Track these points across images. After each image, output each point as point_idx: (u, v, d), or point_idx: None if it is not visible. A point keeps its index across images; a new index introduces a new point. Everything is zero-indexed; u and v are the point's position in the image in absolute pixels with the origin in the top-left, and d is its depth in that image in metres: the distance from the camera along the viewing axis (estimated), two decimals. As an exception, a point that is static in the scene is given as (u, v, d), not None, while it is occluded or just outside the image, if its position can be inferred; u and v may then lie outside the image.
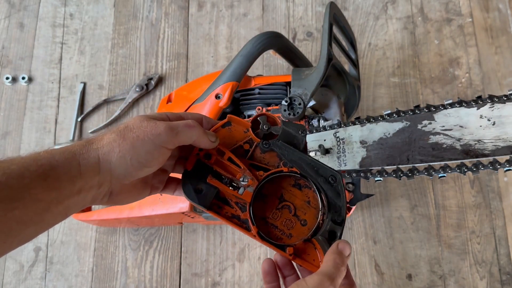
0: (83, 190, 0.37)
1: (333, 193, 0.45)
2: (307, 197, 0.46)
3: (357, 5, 1.14)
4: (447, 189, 0.98)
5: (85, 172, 0.37)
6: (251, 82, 0.79)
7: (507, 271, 0.92)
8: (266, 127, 0.49)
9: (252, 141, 0.48)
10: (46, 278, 0.99)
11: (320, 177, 0.45)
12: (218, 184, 0.45)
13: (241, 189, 0.45)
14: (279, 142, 0.47)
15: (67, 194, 0.36)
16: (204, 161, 0.46)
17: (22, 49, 1.17)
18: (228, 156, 0.46)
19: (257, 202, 0.46)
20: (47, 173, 0.35)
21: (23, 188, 0.33)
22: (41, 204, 0.35)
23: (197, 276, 0.97)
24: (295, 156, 0.46)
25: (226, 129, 0.48)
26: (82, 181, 0.37)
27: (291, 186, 0.47)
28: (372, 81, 1.07)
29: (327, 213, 0.44)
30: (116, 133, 0.39)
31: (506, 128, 0.56)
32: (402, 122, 0.62)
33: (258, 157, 0.48)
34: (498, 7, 1.10)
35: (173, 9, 1.18)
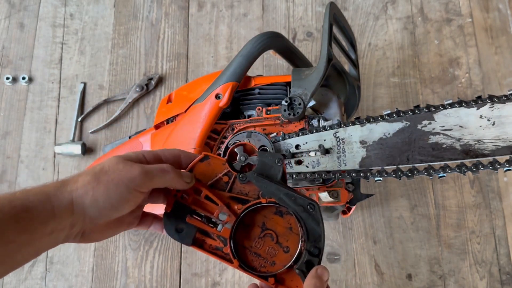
0: (55, 231, 0.38)
1: (312, 222, 0.46)
2: (289, 223, 0.47)
3: (357, 5, 1.14)
4: (447, 189, 0.98)
5: (58, 214, 0.37)
6: (251, 82, 0.79)
7: (507, 271, 0.92)
8: (243, 158, 0.50)
9: (230, 173, 0.49)
10: (46, 278, 0.99)
11: (298, 206, 0.46)
12: (197, 223, 0.47)
13: (219, 226, 0.47)
14: (254, 175, 0.48)
15: (39, 236, 0.36)
16: (182, 201, 0.47)
17: (22, 49, 1.17)
18: (205, 194, 0.47)
19: (240, 231, 0.47)
20: (20, 215, 0.35)
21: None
22: (12, 246, 0.35)
23: (197, 276, 0.97)
24: (272, 187, 0.47)
25: (205, 163, 0.49)
26: (55, 223, 0.37)
27: (273, 214, 0.48)
28: (372, 81, 1.07)
29: (306, 242, 0.45)
30: (91, 175, 0.40)
31: (506, 128, 0.56)
32: (402, 122, 0.62)
33: (238, 188, 0.49)
34: (498, 7, 1.10)
35: (173, 9, 1.18)
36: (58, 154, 1.07)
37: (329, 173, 0.65)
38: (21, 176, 1.06)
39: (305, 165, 0.67)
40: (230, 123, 0.76)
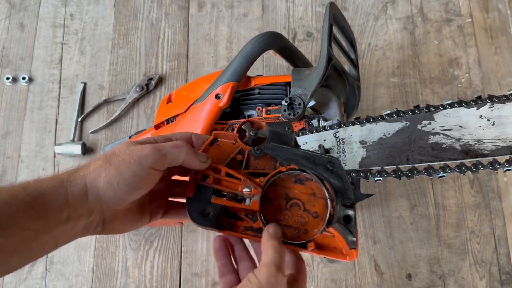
0: (71, 219, 0.37)
1: (336, 178, 0.45)
2: (311, 189, 0.46)
3: (357, 5, 1.14)
4: (446, 189, 0.98)
5: (73, 200, 0.37)
6: (251, 82, 0.79)
7: (507, 271, 0.92)
8: (253, 133, 0.49)
9: (243, 151, 0.48)
10: (47, 278, 0.99)
11: (318, 166, 0.45)
12: (224, 202, 0.45)
13: (247, 201, 0.45)
14: (269, 144, 0.47)
15: (54, 223, 0.36)
16: (203, 183, 0.46)
17: (22, 49, 1.17)
18: (225, 171, 0.46)
19: (266, 207, 0.46)
20: (35, 201, 0.35)
21: (10, 216, 0.33)
22: (28, 233, 0.34)
23: (197, 276, 0.97)
24: (289, 153, 0.46)
25: (215, 146, 0.48)
26: (70, 209, 0.37)
27: (293, 183, 0.47)
28: (372, 81, 1.07)
29: (335, 199, 0.44)
30: (102, 159, 0.39)
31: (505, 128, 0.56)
32: (402, 122, 0.62)
33: (253, 164, 0.48)
34: (498, 7, 1.10)
35: (173, 9, 1.18)
36: (58, 154, 1.07)
37: (329, 173, 0.65)
38: (21, 176, 1.06)
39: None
40: (230, 123, 0.77)
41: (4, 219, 0.33)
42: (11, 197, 0.34)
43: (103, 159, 0.39)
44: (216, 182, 0.46)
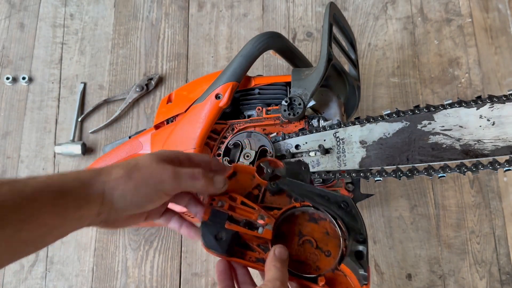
0: (83, 217, 0.39)
1: (349, 217, 0.45)
2: (324, 228, 0.47)
3: (357, 5, 1.14)
4: (446, 189, 0.98)
5: (89, 202, 0.39)
6: (251, 82, 0.79)
7: (507, 271, 0.92)
8: (270, 170, 0.50)
9: (260, 186, 0.49)
10: (47, 278, 0.99)
11: (332, 204, 0.46)
12: (237, 228, 0.46)
13: (260, 229, 0.46)
14: (286, 180, 0.48)
15: (69, 220, 0.38)
16: (219, 209, 0.47)
17: (22, 49, 1.17)
18: (241, 200, 0.47)
19: (279, 241, 0.46)
20: (57, 200, 0.37)
21: (34, 211, 0.35)
22: (45, 228, 0.36)
23: (197, 276, 0.97)
24: (304, 189, 0.47)
25: (233, 179, 0.50)
26: (84, 210, 0.39)
27: (307, 222, 0.48)
28: (372, 81, 1.07)
29: (348, 238, 0.44)
30: (124, 170, 0.41)
31: (505, 128, 0.56)
32: (402, 122, 0.62)
33: (269, 200, 0.49)
34: (498, 7, 1.10)
35: (173, 9, 1.18)
36: (58, 154, 1.07)
37: (329, 173, 0.65)
38: (21, 176, 1.06)
39: (305, 165, 0.67)
40: (230, 123, 0.77)
41: (28, 215, 0.34)
42: (36, 194, 0.36)
43: (124, 170, 0.42)
44: (231, 209, 0.47)
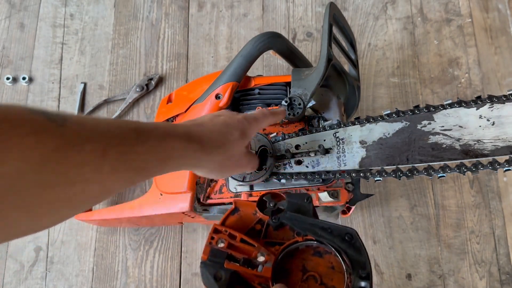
0: (188, 155, 0.46)
1: (353, 250, 0.45)
2: (330, 262, 0.46)
3: (357, 5, 1.14)
4: (446, 189, 0.98)
5: (192, 142, 0.46)
6: (251, 82, 0.79)
7: (507, 271, 0.92)
8: (272, 204, 0.50)
9: (262, 221, 0.49)
10: (47, 277, 0.99)
11: (336, 237, 0.45)
12: (236, 267, 0.45)
13: (259, 267, 0.45)
14: (287, 214, 0.48)
15: (177, 164, 0.45)
16: (218, 248, 0.47)
17: (22, 49, 1.17)
18: (240, 237, 0.47)
19: (281, 279, 0.46)
20: (179, 139, 0.44)
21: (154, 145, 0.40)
22: (160, 156, 0.41)
23: (197, 275, 0.97)
24: (306, 223, 0.47)
25: (236, 215, 0.50)
26: (189, 149, 0.45)
27: (311, 256, 0.47)
28: (372, 81, 1.07)
29: (352, 272, 0.44)
30: (210, 116, 0.52)
31: (505, 128, 0.56)
32: (402, 122, 0.62)
33: (272, 235, 0.49)
34: (498, 7, 1.10)
35: (173, 9, 1.18)
36: (58, 154, 1.07)
37: (329, 173, 0.65)
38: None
39: (305, 165, 0.67)
40: (230, 123, 0.76)
41: (148, 147, 0.39)
42: (153, 130, 0.41)
43: (211, 116, 0.52)
44: (231, 248, 0.47)
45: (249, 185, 0.71)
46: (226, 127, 0.51)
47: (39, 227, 0.30)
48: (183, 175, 0.73)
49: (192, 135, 0.45)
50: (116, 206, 0.87)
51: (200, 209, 0.76)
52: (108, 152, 0.33)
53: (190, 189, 0.73)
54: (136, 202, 0.82)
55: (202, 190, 0.76)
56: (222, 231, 0.48)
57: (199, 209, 0.76)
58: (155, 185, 0.79)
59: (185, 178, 0.74)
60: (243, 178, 0.68)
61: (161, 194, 0.77)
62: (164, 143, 0.40)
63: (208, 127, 0.49)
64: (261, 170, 0.67)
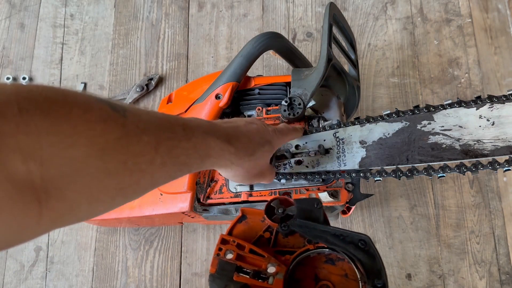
0: (224, 153, 0.46)
1: (367, 258, 0.42)
2: (343, 270, 0.44)
3: (357, 5, 1.14)
4: (446, 189, 0.98)
5: (230, 142, 0.46)
6: (251, 82, 0.80)
7: (507, 271, 0.92)
8: (281, 211, 0.48)
9: (271, 228, 0.47)
10: (47, 277, 0.99)
11: (349, 244, 0.43)
12: (246, 280, 0.43)
13: (270, 279, 0.43)
14: (296, 221, 0.46)
15: (220, 153, 0.45)
16: (226, 260, 0.45)
17: (22, 49, 1.17)
18: (249, 248, 0.45)
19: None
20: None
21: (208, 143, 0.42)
22: (201, 153, 0.41)
23: (197, 275, 0.97)
24: (317, 230, 0.45)
25: (243, 223, 0.48)
26: (226, 147, 0.46)
27: (323, 263, 0.45)
28: (372, 82, 1.08)
29: (367, 281, 0.42)
30: (244, 121, 0.52)
31: (505, 128, 0.56)
32: (402, 122, 0.62)
33: (282, 242, 0.47)
34: (498, 8, 1.10)
35: (173, 9, 1.18)
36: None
37: (329, 173, 0.65)
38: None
39: (305, 165, 0.67)
40: (230, 123, 0.76)
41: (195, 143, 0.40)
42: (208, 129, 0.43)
43: (245, 121, 0.52)
44: (239, 259, 0.45)
45: (249, 185, 0.71)
46: (258, 136, 0.52)
47: (94, 213, 0.31)
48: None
49: (230, 137, 0.46)
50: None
51: (200, 209, 0.76)
52: (160, 145, 0.34)
53: (190, 189, 0.73)
54: (136, 202, 0.82)
55: (202, 190, 0.76)
56: (230, 242, 0.46)
57: (199, 209, 0.76)
58: (155, 185, 0.79)
59: (185, 178, 0.74)
60: (243, 178, 0.68)
61: (161, 194, 0.77)
62: (206, 141, 0.41)
63: (243, 131, 0.49)
64: (261, 170, 0.67)
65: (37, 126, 0.24)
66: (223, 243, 0.46)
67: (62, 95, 0.27)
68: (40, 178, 0.24)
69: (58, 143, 0.25)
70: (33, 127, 0.24)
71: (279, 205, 0.49)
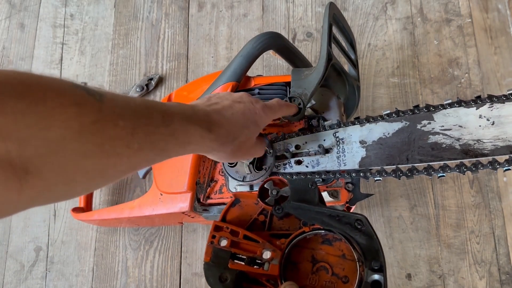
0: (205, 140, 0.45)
1: (364, 238, 0.42)
2: (340, 250, 0.43)
3: (357, 5, 1.14)
4: (446, 189, 0.98)
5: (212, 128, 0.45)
6: (251, 82, 0.80)
7: (506, 271, 0.92)
8: (275, 192, 0.47)
9: (266, 211, 0.46)
10: (47, 277, 0.99)
11: (345, 225, 0.42)
12: (241, 267, 0.43)
13: (265, 265, 0.43)
14: (291, 203, 0.45)
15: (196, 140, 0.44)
16: (220, 247, 0.44)
17: (22, 49, 1.17)
18: (243, 234, 0.44)
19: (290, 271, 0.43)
20: (191, 122, 0.43)
21: (178, 128, 0.40)
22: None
23: (197, 275, 0.97)
24: (312, 211, 0.44)
25: (236, 207, 0.47)
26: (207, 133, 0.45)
27: (320, 244, 0.44)
28: (372, 81, 1.08)
29: (364, 262, 0.41)
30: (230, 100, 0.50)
31: (505, 128, 0.56)
32: (402, 122, 0.62)
33: (277, 225, 0.46)
34: (498, 8, 1.10)
35: (173, 9, 1.18)
36: (59, 154, 1.07)
37: (329, 173, 0.65)
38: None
39: (305, 165, 0.67)
40: (230, 123, 0.76)
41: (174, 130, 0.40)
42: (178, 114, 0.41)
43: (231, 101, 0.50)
44: (234, 246, 0.44)
45: (249, 185, 0.71)
46: (244, 118, 0.50)
47: (72, 193, 0.32)
48: (183, 175, 0.73)
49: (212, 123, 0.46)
50: (116, 206, 0.87)
51: (200, 209, 0.76)
52: (136, 130, 0.35)
53: (190, 189, 0.73)
54: (136, 202, 0.82)
55: (202, 190, 0.76)
56: (223, 228, 0.45)
57: (199, 209, 0.76)
58: (155, 185, 0.79)
59: (185, 178, 0.74)
60: (243, 178, 0.68)
61: (161, 194, 0.77)
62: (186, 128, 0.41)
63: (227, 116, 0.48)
64: (261, 170, 0.67)
65: (13, 108, 0.25)
66: (216, 230, 0.45)
67: (36, 79, 0.28)
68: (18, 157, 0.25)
69: (34, 125, 0.26)
70: (9, 109, 0.25)
71: (273, 186, 0.48)
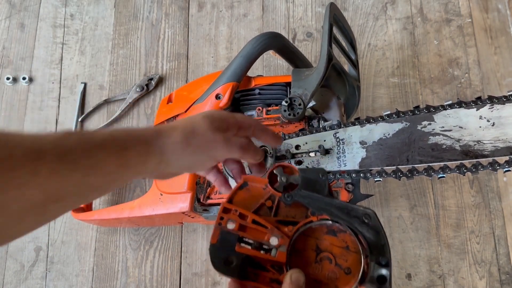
0: (141, 170, 0.42)
1: (372, 232, 0.41)
2: (344, 242, 0.43)
3: (357, 5, 1.14)
4: (446, 189, 0.98)
5: (149, 160, 0.42)
6: (251, 83, 0.80)
7: (506, 271, 0.93)
8: (284, 179, 0.47)
9: (273, 197, 0.46)
10: (47, 277, 0.99)
11: (353, 218, 0.42)
12: (248, 251, 0.42)
13: (273, 251, 0.42)
14: (301, 192, 0.45)
15: (130, 171, 0.41)
16: (228, 230, 0.43)
17: (22, 49, 1.17)
18: (252, 218, 0.43)
19: (294, 258, 0.43)
20: (122, 152, 0.39)
21: (101, 159, 0.37)
22: (110, 177, 0.39)
23: (197, 275, 0.97)
24: (321, 202, 0.44)
25: (244, 190, 0.46)
26: (144, 165, 0.42)
27: (325, 234, 0.44)
28: (372, 82, 1.08)
29: (370, 256, 0.41)
30: (183, 134, 0.44)
31: (505, 129, 0.56)
32: (402, 123, 0.62)
33: (284, 211, 0.45)
34: (498, 8, 1.10)
35: (173, 9, 1.18)
36: (59, 154, 1.07)
37: (329, 173, 0.65)
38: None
39: (305, 166, 0.67)
40: (230, 124, 0.76)
41: (97, 161, 0.37)
42: (103, 144, 0.38)
43: (183, 135, 0.44)
44: (242, 229, 0.44)
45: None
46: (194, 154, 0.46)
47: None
48: (183, 175, 0.73)
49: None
50: (116, 206, 0.88)
51: (200, 209, 0.76)
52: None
53: (190, 189, 0.74)
54: (136, 202, 0.83)
55: (202, 190, 0.76)
56: (232, 211, 0.44)
57: (199, 209, 0.76)
58: (155, 185, 0.79)
59: (185, 178, 0.74)
60: (243, 178, 0.68)
61: (161, 194, 0.77)
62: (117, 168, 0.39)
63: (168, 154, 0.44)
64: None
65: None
66: (224, 212, 0.44)
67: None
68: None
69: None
70: None
71: (282, 173, 0.47)
